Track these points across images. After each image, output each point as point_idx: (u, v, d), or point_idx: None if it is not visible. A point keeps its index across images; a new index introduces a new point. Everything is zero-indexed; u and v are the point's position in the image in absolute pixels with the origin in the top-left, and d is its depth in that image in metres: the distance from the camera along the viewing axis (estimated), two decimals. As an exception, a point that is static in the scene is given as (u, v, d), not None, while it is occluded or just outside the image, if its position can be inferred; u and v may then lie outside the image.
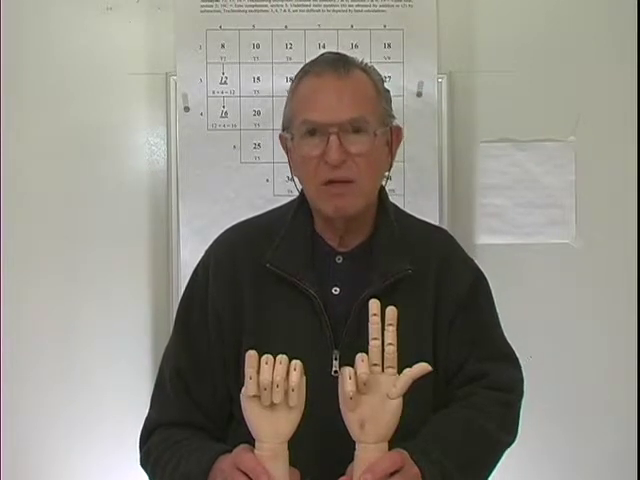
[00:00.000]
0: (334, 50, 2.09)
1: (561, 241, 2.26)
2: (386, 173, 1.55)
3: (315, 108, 1.46)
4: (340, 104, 1.45)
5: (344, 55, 1.55)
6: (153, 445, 1.51)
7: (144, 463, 1.53)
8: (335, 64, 1.49)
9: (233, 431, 1.51)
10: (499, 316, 1.60)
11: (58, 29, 2.19)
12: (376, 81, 1.52)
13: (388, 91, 1.55)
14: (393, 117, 1.54)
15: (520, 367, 1.59)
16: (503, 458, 1.51)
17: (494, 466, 1.50)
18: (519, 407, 1.56)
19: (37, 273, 2.21)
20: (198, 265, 1.59)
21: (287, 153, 1.55)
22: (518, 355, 1.59)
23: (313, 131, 1.46)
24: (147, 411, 1.57)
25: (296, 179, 1.55)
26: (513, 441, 1.53)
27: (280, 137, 1.56)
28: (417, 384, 1.33)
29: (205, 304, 1.53)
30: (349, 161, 1.45)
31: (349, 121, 1.45)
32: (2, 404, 2.18)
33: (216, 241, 1.61)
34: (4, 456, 2.19)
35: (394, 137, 1.54)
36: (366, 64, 1.54)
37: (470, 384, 1.52)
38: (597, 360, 2.26)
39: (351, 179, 1.45)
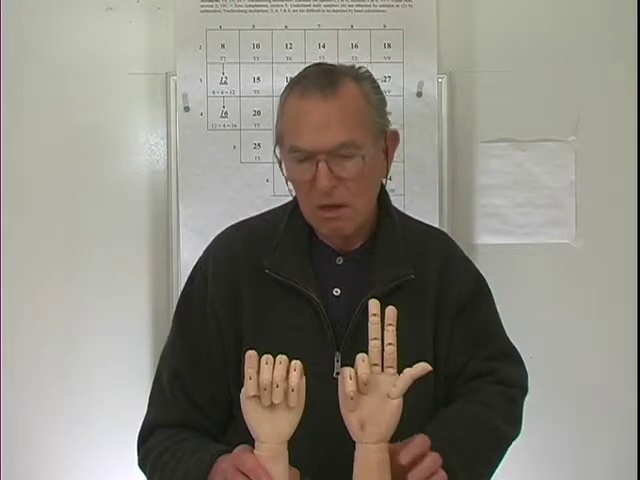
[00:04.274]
0: (333, 50, 2.09)
1: (561, 241, 2.26)
2: (383, 180, 1.51)
3: (301, 134, 1.39)
4: (326, 129, 1.38)
5: (331, 67, 1.46)
6: (151, 446, 1.50)
7: (142, 464, 1.53)
8: (320, 82, 1.40)
9: (232, 431, 1.51)
10: (500, 316, 1.61)
11: (58, 29, 2.19)
12: (367, 91, 1.44)
13: (382, 97, 1.47)
14: (388, 123, 1.47)
15: (524, 364, 1.59)
16: (503, 458, 1.51)
17: (499, 461, 1.49)
18: (523, 402, 1.56)
19: (37, 273, 2.21)
20: (196, 265, 1.58)
21: (279, 163, 1.49)
22: (518, 355, 1.60)
23: (301, 157, 1.40)
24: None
25: (290, 184, 1.50)
26: (517, 435, 1.53)
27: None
28: (417, 384, 1.33)
29: (204, 304, 1.52)
30: (340, 186, 1.40)
31: (337, 147, 1.38)
32: (2, 404, 2.18)
33: (214, 241, 1.60)
34: (4, 456, 2.18)
35: (390, 142, 1.48)
36: (359, 68, 1.47)
37: (476, 380, 1.52)
38: (597, 360, 2.26)
39: (343, 204, 1.42)
